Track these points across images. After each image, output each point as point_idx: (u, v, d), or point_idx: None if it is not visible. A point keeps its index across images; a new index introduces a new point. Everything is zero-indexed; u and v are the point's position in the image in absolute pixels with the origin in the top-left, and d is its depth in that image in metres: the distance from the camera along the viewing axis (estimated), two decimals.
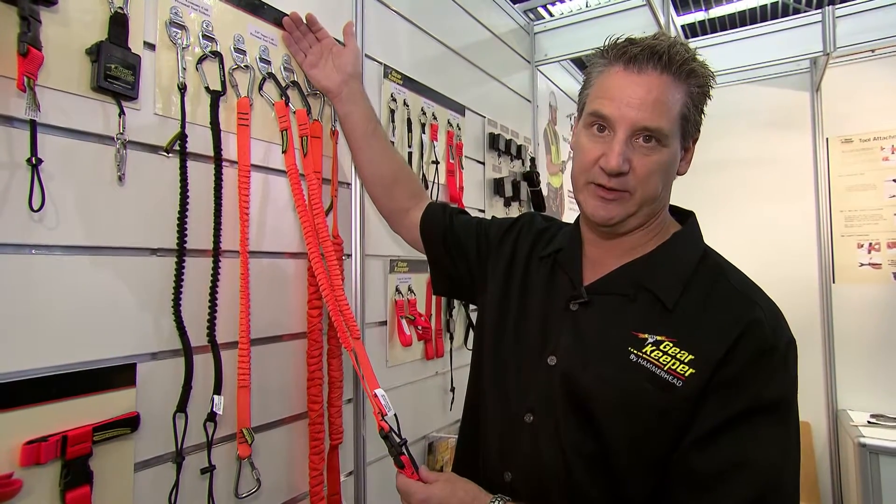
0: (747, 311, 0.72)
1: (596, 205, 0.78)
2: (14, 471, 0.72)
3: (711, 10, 3.97)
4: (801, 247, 2.68)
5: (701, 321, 0.73)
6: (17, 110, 0.74)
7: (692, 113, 0.77)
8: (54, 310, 0.79)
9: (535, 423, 0.80)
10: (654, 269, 0.80)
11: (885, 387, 2.48)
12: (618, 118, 0.74)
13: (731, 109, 2.91)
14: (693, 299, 0.75)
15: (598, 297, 0.81)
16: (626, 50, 0.75)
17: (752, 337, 0.69)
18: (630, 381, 0.73)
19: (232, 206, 1.02)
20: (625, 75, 0.75)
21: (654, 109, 0.72)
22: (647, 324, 0.76)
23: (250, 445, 1.00)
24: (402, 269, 1.53)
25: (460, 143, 1.80)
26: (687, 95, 0.76)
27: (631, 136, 0.74)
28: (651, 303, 0.77)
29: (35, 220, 0.77)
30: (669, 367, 0.71)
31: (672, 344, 0.72)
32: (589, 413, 0.76)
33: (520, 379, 0.84)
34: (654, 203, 0.79)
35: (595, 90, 0.79)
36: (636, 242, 0.82)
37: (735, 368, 0.69)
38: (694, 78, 0.76)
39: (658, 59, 0.73)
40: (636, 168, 0.74)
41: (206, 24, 1.01)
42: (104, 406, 0.83)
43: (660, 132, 0.73)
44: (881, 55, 2.55)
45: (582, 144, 0.80)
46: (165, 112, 0.94)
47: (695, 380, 0.70)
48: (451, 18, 1.84)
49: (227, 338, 1.01)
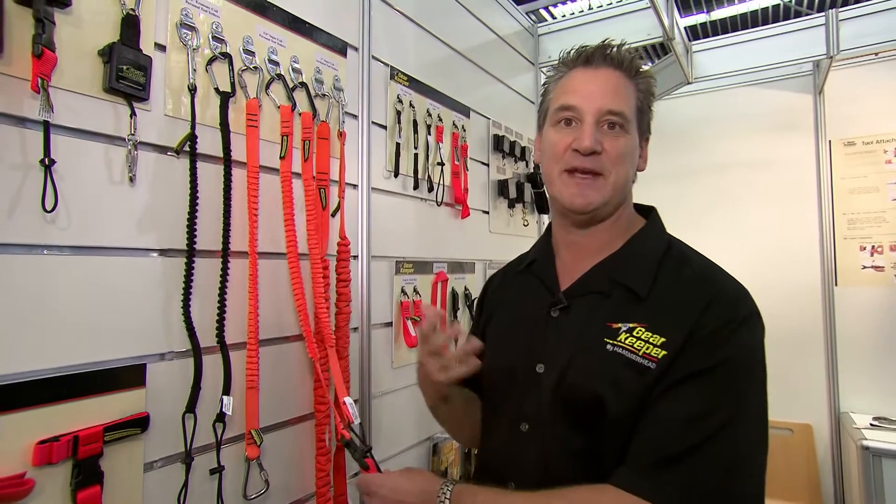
0: (710, 287, 0.77)
1: (574, 192, 0.82)
2: (27, 470, 0.72)
3: (713, 13, 3.98)
4: (804, 250, 2.68)
5: (669, 305, 0.77)
6: (30, 111, 0.74)
7: (645, 108, 0.86)
8: (65, 310, 0.79)
9: (530, 432, 0.83)
10: (625, 263, 0.84)
11: (888, 389, 2.48)
12: (585, 106, 0.81)
13: (734, 112, 2.91)
14: (662, 287, 0.80)
15: (577, 299, 0.84)
16: (581, 53, 0.85)
17: (716, 307, 0.74)
18: (609, 370, 0.76)
19: (241, 206, 1.02)
20: (584, 72, 0.84)
21: (615, 96, 0.81)
22: (621, 314, 0.79)
23: (259, 446, 1.01)
24: (408, 271, 1.54)
25: (465, 144, 1.80)
26: (637, 90, 0.84)
27: (598, 122, 0.81)
28: (625, 295, 0.81)
29: (48, 220, 0.77)
30: (644, 352, 0.74)
31: (644, 329, 0.76)
32: (577, 410, 0.78)
33: (513, 391, 0.87)
34: (624, 190, 0.84)
35: (558, 92, 0.87)
36: (606, 239, 0.86)
37: (700, 335, 0.72)
38: (640, 77, 0.85)
39: (610, 58, 0.83)
40: (607, 150, 0.80)
41: (216, 26, 1.02)
42: (114, 406, 0.83)
43: (623, 116, 0.81)
44: (884, 58, 2.55)
45: (552, 139, 0.85)
46: (176, 113, 0.94)
47: (666, 360, 0.73)
48: (457, 20, 1.84)
49: (236, 339, 1.01)
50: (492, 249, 2.00)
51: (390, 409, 1.46)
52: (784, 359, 2.68)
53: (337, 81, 1.28)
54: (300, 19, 1.20)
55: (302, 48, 1.20)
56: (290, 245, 1.09)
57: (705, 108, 2.97)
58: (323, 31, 1.26)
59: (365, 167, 1.37)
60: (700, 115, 2.97)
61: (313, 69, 1.23)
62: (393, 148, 1.49)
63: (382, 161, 1.46)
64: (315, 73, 1.23)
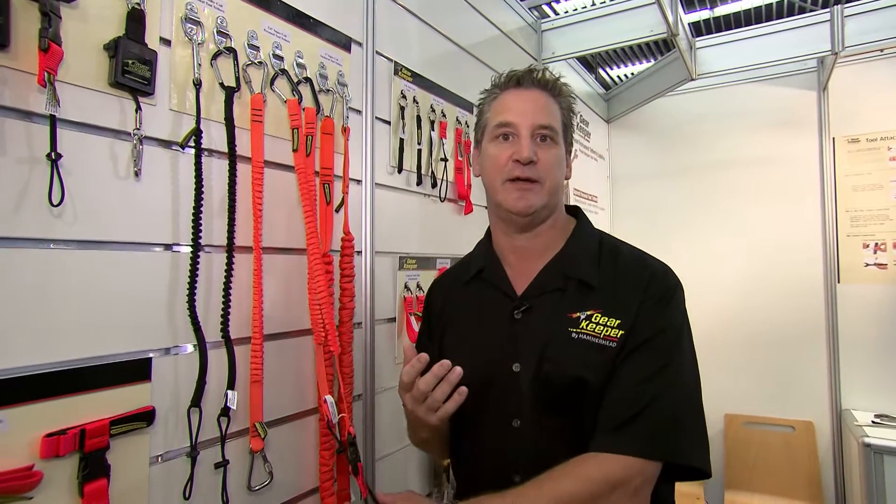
0: (645, 269, 0.92)
1: (516, 197, 0.92)
2: (34, 463, 0.72)
3: (717, 9, 3.96)
4: (807, 247, 2.68)
5: (616, 290, 0.90)
6: (37, 105, 0.74)
7: (568, 123, 0.99)
8: (71, 304, 0.79)
9: (523, 426, 0.90)
10: (572, 259, 0.95)
11: (890, 387, 2.48)
12: (521, 121, 0.92)
13: (737, 109, 2.90)
14: (606, 275, 0.92)
15: (536, 298, 0.93)
16: (512, 77, 0.97)
17: (653, 284, 0.89)
18: (577, 356, 0.86)
19: (246, 201, 1.03)
20: (517, 93, 0.96)
21: (545, 112, 0.94)
22: (578, 305, 0.90)
23: (263, 439, 1.01)
24: (412, 266, 1.54)
25: (469, 140, 1.80)
26: (561, 108, 0.97)
27: (532, 135, 0.92)
28: (577, 288, 0.92)
29: (54, 215, 0.77)
30: (604, 334, 0.86)
31: (600, 314, 0.88)
32: (558, 395, 0.87)
33: (494, 393, 0.93)
34: (558, 194, 0.96)
35: (494, 111, 0.97)
36: (548, 241, 0.97)
37: (644, 309, 0.87)
38: (563, 97, 0.98)
39: (538, 81, 0.96)
40: (542, 159, 0.92)
41: (221, 20, 1.01)
42: (120, 400, 0.84)
43: (552, 129, 0.93)
44: (889, 55, 2.54)
45: (492, 153, 0.95)
46: (180, 108, 0.94)
47: (624, 338, 0.86)
48: (460, 16, 1.84)
49: (241, 333, 1.02)
50: None
51: (393, 404, 1.47)
52: (786, 356, 2.68)
53: (341, 77, 1.28)
54: (305, 14, 1.20)
55: (306, 43, 1.20)
56: (310, 238, 1.11)
57: (709, 104, 2.96)
58: (327, 26, 1.26)
59: (369, 163, 1.37)
60: (703, 111, 2.97)
61: (318, 64, 1.23)
62: (396, 143, 1.48)
63: (386, 157, 1.46)
64: (319, 68, 1.23)
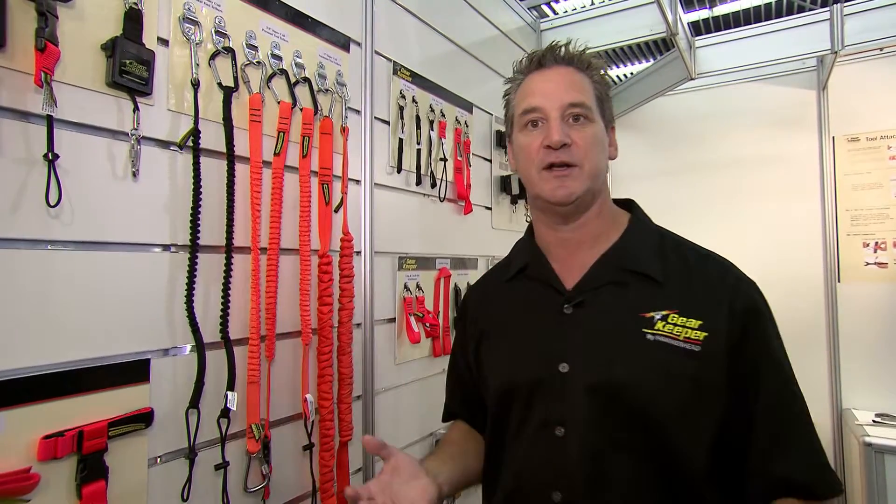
0: (725, 272, 0.82)
1: (553, 186, 0.82)
2: (32, 465, 0.72)
3: (716, 8, 3.95)
4: (807, 245, 2.67)
5: (692, 288, 0.80)
6: (34, 106, 0.74)
7: (604, 97, 0.88)
8: (69, 305, 0.79)
9: (569, 436, 0.78)
10: (631, 251, 0.85)
11: (890, 386, 2.47)
12: (547, 104, 0.83)
13: (737, 107, 2.90)
14: (674, 272, 0.82)
15: (590, 293, 0.83)
16: (533, 58, 0.88)
17: (743, 286, 0.80)
18: (657, 360, 0.76)
19: (244, 202, 1.02)
20: (539, 74, 0.87)
21: (573, 89, 0.84)
22: (647, 303, 0.80)
23: (258, 441, 1.01)
24: (411, 267, 1.53)
25: (468, 140, 1.80)
26: (592, 81, 0.87)
27: (562, 117, 0.83)
28: (641, 283, 0.82)
29: (51, 215, 0.77)
30: (685, 337, 0.76)
31: (677, 314, 0.78)
32: (626, 407, 0.75)
33: (537, 397, 0.82)
34: (601, 177, 0.86)
35: (519, 98, 0.89)
36: (597, 231, 0.87)
37: (741, 315, 0.77)
38: (592, 69, 0.87)
39: (561, 57, 0.86)
40: (576, 141, 0.82)
41: (219, 20, 1.01)
42: (118, 402, 0.83)
43: (584, 106, 0.83)
44: (889, 53, 2.53)
45: (522, 143, 0.86)
46: (178, 108, 0.94)
47: (711, 340, 0.76)
48: (459, 16, 1.83)
49: (240, 334, 1.01)
50: (494, 245, 1.99)
51: (393, 405, 1.46)
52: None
53: (340, 76, 1.28)
54: (303, 14, 1.20)
55: (305, 43, 1.20)
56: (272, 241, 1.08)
57: (708, 103, 2.96)
58: (326, 25, 1.26)
59: (368, 163, 1.36)
60: (703, 110, 2.96)
61: (316, 64, 1.22)
62: (396, 143, 1.48)
63: (385, 157, 1.45)
64: (318, 68, 1.23)
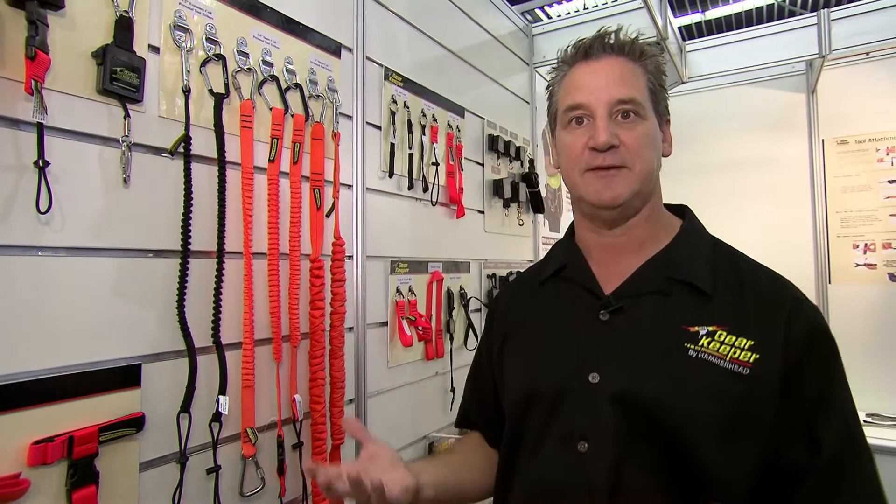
0: (782, 290, 0.74)
1: (599, 187, 0.75)
2: (22, 470, 0.72)
3: (708, 12, 3.99)
4: (798, 247, 2.70)
5: (744, 305, 0.72)
6: (24, 113, 0.75)
7: (658, 89, 0.79)
8: (60, 311, 0.79)
9: (593, 452, 0.71)
10: (679, 260, 0.77)
11: (881, 386, 2.50)
12: (593, 101, 0.75)
13: (728, 111, 2.92)
14: (725, 285, 0.74)
15: (630, 300, 0.76)
16: (579, 47, 0.80)
17: (800, 316, 0.71)
18: (698, 379, 0.69)
19: (235, 207, 1.03)
20: (586, 66, 0.78)
21: (622, 83, 0.75)
22: (692, 316, 0.72)
23: (254, 445, 1.01)
24: (403, 270, 1.54)
25: (460, 144, 1.81)
26: (646, 72, 0.79)
27: (610, 114, 0.75)
28: (687, 294, 0.74)
29: (42, 222, 0.77)
30: (732, 357, 0.69)
31: (725, 332, 0.70)
32: (657, 427, 0.69)
33: (562, 408, 0.75)
34: (651, 179, 0.78)
35: (563, 92, 0.81)
36: (644, 237, 0.79)
37: (803, 338, 0.70)
38: (646, 57, 0.79)
39: (610, 46, 0.78)
40: (625, 142, 0.74)
41: (210, 27, 1.02)
42: (109, 406, 0.84)
43: (635, 102, 0.75)
44: (876, 57, 2.56)
45: (566, 142, 0.79)
46: (169, 114, 0.95)
47: (762, 365, 0.68)
48: (451, 21, 1.85)
49: (231, 339, 1.02)
50: (487, 249, 2.00)
51: (385, 408, 1.47)
52: None
53: (331, 82, 1.29)
54: (294, 20, 1.20)
55: (296, 49, 1.21)
56: (271, 246, 1.10)
57: (699, 107, 2.98)
58: (317, 32, 1.27)
59: (359, 167, 1.37)
60: (694, 114, 2.99)
61: (307, 70, 1.23)
62: (387, 148, 1.49)
63: (377, 161, 1.46)
64: (309, 74, 1.24)
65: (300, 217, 1.15)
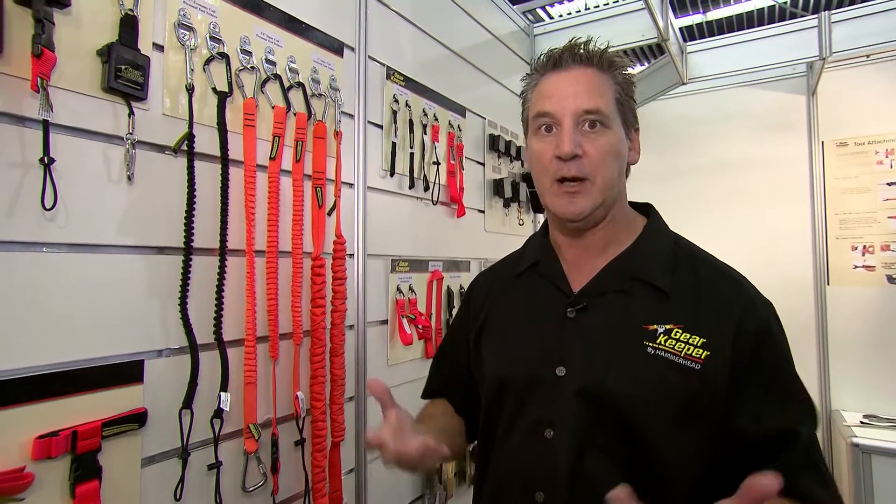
0: (737, 290, 0.79)
1: (563, 202, 0.80)
2: (26, 464, 0.73)
3: (709, 13, 4.00)
4: (797, 249, 2.71)
5: (699, 304, 0.78)
6: (30, 110, 0.75)
7: (625, 99, 0.83)
8: (64, 307, 0.80)
9: (557, 439, 0.78)
10: (641, 260, 0.82)
11: (878, 387, 2.51)
12: (560, 109, 0.79)
13: (728, 112, 2.93)
14: (683, 284, 0.80)
15: (595, 298, 0.82)
16: (549, 57, 0.84)
17: (751, 315, 0.76)
18: (654, 374, 0.75)
19: (238, 205, 1.04)
20: (556, 76, 0.82)
21: (589, 94, 0.79)
22: (651, 315, 0.78)
23: (257, 440, 1.02)
24: (404, 269, 1.55)
25: (461, 143, 1.81)
26: (614, 83, 0.82)
27: (576, 124, 0.79)
28: (648, 293, 0.80)
29: (47, 218, 0.78)
30: (686, 353, 0.74)
31: (681, 330, 0.76)
32: (617, 417, 0.75)
33: (531, 397, 0.82)
34: (614, 189, 0.82)
35: (533, 99, 0.85)
36: (609, 237, 0.85)
37: (751, 335, 0.75)
38: (615, 68, 0.82)
39: (580, 57, 0.81)
40: (588, 152, 0.78)
41: (213, 26, 1.02)
42: (112, 402, 0.84)
43: (600, 113, 0.79)
44: (876, 60, 2.57)
45: (535, 149, 0.83)
46: (173, 112, 0.95)
47: (712, 361, 0.74)
48: (453, 20, 1.85)
49: (233, 335, 1.02)
50: (487, 248, 2.01)
51: None
52: None
53: (333, 81, 1.29)
54: (297, 19, 1.21)
55: (299, 48, 1.21)
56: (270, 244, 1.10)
57: (700, 108, 2.99)
58: (319, 31, 1.27)
59: (361, 166, 1.38)
60: (694, 115, 2.99)
61: (310, 69, 1.24)
62: (389, 147, 1.50)
63: (378, 160, 1.47)
64: (312, 72, 1.24)
65: (302, 215, 1.16)
